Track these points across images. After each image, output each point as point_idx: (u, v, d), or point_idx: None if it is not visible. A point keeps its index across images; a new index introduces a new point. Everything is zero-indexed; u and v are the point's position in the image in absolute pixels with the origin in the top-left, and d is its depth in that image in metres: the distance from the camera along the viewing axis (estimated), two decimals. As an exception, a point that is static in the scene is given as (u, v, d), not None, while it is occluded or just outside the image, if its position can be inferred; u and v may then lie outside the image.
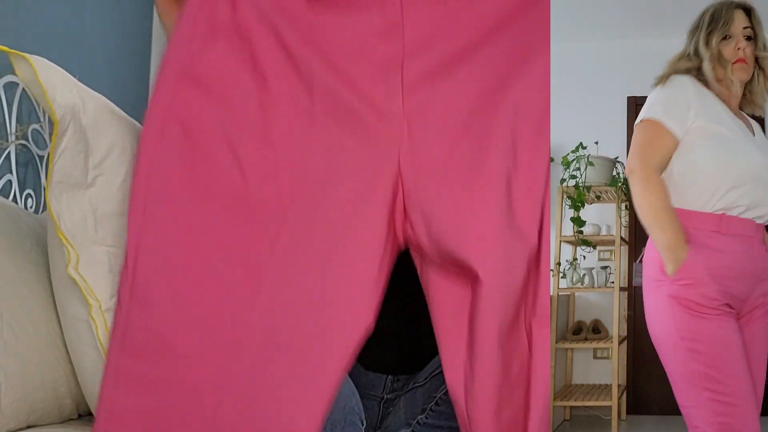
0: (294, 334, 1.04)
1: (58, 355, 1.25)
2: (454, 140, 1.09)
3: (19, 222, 1.38)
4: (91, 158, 1.24)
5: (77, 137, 1.22)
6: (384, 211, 1.07)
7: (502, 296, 1.05)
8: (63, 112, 1.19)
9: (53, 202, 1.19)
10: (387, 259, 1.08)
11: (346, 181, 1.08)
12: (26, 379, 1.18)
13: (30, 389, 1.19)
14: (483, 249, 1.05)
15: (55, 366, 1.25)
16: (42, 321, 1.25)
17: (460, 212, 1.07)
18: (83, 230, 1.20)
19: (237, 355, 1.04)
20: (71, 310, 1.20)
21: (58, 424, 1.29)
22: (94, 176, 1.24)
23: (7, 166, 1.74)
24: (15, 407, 1.16)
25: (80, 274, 1.18)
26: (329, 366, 1.04)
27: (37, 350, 1.22)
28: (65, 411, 1.29)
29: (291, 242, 1.07)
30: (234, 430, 1.02)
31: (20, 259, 1.29)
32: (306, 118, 1.10)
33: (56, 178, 1.19)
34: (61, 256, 1.19)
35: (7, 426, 1.15)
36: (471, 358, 1.04)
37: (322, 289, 1.05)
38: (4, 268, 1.24)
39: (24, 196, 1.80)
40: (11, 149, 1.74)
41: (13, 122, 1.74)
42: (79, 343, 1.21)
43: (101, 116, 1.27)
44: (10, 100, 1.74)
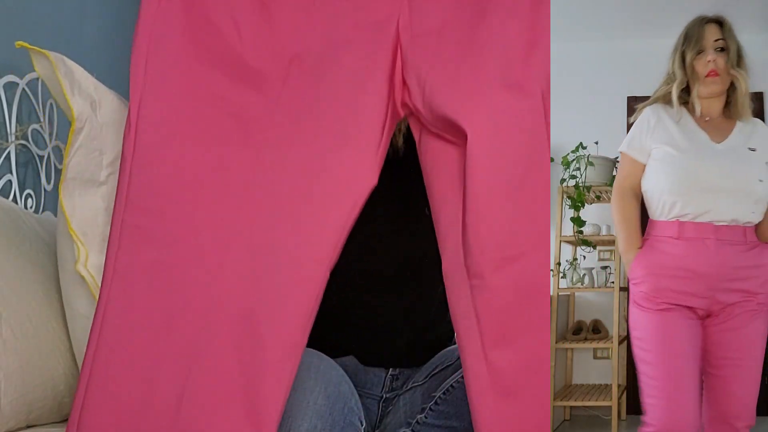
0: (298, 194, 1.05)
1: (57, 354, 1.25)
2: (453, 1, 1.10)
3: (19, 222, 1.38)
4: (105, 156, 1.24)
5: (93, 135, 1.22)
6: (385, 76, 1.09)
7: (489, 158, 1.02)
8: (81, 110, 1.20)
9: (66, 198, 1.19)
10: (388, 124, 1.09)
11: (349, 47, 1.08)
12: (26, 378, 1.18)
13: (29, 388, 1.19)
14: (470, 105, 1.04)
15: (55, 365, 1.25)
16: (41, 320, 1.25)
17: (454, 72, 1.07)
18: (94, 227, 1.21)
19: (242, 215, 1.04)
20: (78, 307, 1.21)
21: (58, 423, 1.29)
22: (108, 174, 1.24)
23: (7, 166, 1.74)
24: (15, 406, 1.16)
25: (89, 272, 1.18)
26: (338, 219, 1.04)
27: (37, 349, 1.22)
28: (65, 410, 1.29)
29: (292, 109, 1.07)
30: (242, 278, 1.02)
31: (20, 258, 1.29)
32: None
33: (70, 175, 1.19)
34: (71, 253, 1.19)
35: (7, 425, 1.16)
36: (465, 216, 1.03)
37: (329, 154, 1.06)
38: (4, 267, 1.24)
39: (24, 196, 1.80)
40: (11, 149, 1.74)
41: (13, 122, 1.74)
42: (84, 340, 1.20)
43: (117, 114, 1.28)
44: (10, 100, 1.74)
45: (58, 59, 1.21)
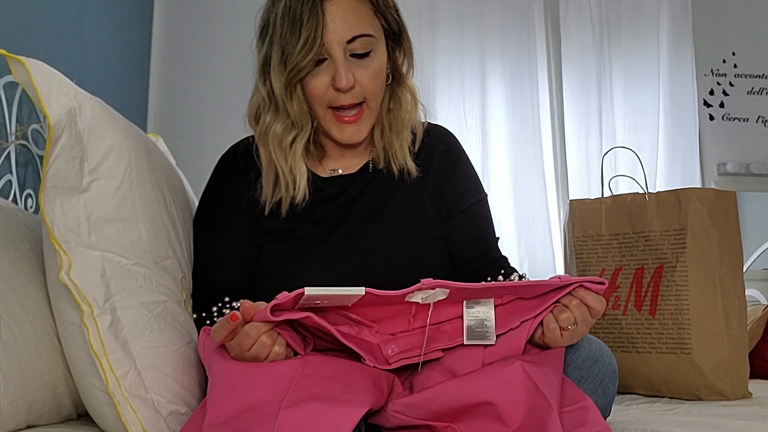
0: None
1: (56, 356, 1.25)
2: None
3: (18, 223, 1.38)
4: (86, 163, 1.22)
5: (72, 142, 1.20)
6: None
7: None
8: (58, 117, 1.18)
9: (47, 207, 1.17)
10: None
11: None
12: (25, 379, 1.18)
13: (29, 389, 1.19)
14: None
15: (54, 366, 1.25)
16: (40, 321, 1.25)
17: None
18: (76, 235, 1.19)
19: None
20: (65, 315, 1.20)
21: (57, 424, 1.28)
22: (90, 181, 1.23)
23: (7, 166, 1.74)
24: (14, 407, 1.16)
25: (72, 280, 1.17)
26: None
27: (36, 351, 1.22)
28: (64, 411, 1.29)
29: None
30: None
31: (19, 259, 1.29)
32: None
33: (50, 183, 1.18)
34: (55, 261, 1.18)
35: (7, 426, 1.15)
36: None
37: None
38: (3, 268, 1.24)
39: (24, 196, 1.80)
40: (11, 149, 1.74)
41: (13, 122, 1.74)
42: (73, 347, 1.20)
43: (98, 120, 1.26)
44: (10, 100, 1.74)
45: (35, 66, 1.18)
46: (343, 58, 1.31)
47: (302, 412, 0.99)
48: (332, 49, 1.30)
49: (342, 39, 1.30)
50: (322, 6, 1.29)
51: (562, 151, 3.12)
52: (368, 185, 1.43)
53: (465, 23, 3.12)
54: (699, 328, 1.76)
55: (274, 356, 1.11)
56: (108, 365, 1.16)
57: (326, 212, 1.40)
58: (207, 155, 1.61)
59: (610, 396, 1.24)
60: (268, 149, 1.38)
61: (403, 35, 1.41)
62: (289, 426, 0.97)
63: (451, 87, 3.08)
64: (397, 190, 1.42)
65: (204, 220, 1.46)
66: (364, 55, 1.33)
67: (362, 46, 1.32)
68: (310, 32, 1.28)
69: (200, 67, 2.92)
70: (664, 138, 3.18)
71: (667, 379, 1.79)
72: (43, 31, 1.94)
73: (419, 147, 1.45)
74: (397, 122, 1.41)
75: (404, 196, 1.42)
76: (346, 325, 1.16)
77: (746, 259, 2.97)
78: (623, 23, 3.23)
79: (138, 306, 1.23)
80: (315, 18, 1.28)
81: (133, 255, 1.26)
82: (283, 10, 1.30)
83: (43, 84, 1.18)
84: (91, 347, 1.16)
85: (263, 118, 1.38)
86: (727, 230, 1.83)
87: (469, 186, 1.48)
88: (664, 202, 1.85)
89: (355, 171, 1.45)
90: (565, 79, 3.17)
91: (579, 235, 1.98)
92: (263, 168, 1.39)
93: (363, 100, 1.36)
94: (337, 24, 1.29)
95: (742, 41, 3.45)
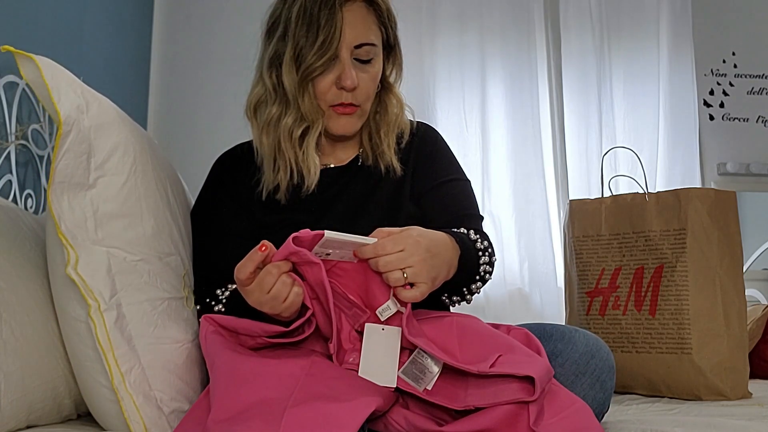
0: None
1: (57, 355, 1.25)
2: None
3: (19, 222, 1.38)
4: (93, 159, 1.24)
5: (80, 138, 1.22)
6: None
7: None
8: (67, 114, 1.20)
9: (54, 202, 1.19)
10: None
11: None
12: (25, 379, 1.18)
13: (29, 389, 1.19)
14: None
15: (54, 366, 1.25)
16: (41, 321, 1.25)
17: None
18: (83, 231, 1.21)
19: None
20: (70, 311, 1.21)
21: (58, 423, 1.29)
22: (96, 177, 1.24)
23: (7, 166, 1.74)
24: (14, 407, 1.16)
25: (79, 275, 1.18)
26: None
27: (37, 350, 1.22)
28: (64, 411, 1.29)
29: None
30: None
31: (19, 259, 1.29)
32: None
33: (58, 179, 1.19)
34: (61, 257, 1.19)
35: (7, 426, 1.16)
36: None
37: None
38: (3, 268, 1.24)
39: (24, 196, 1.80)
40: (11, 149, 1.75)
41: (13, 122, 1.74)
42: (77, 343, 1.21)
43: (105, 118, 1.27)
44: (10, 100, 1.74)
45: (45, 63, 1.20)
46: (349, 60, 1.39)
47: (308, 411, 1.00)
48: (342, 51, 1.37)
49: (351, 43, 1.38)
50: (341, 11, 1.36)
51: (562, 152, 3.12)
52: (355, 178, 1.50)
53: (465, 24, 3.12)
54: (699, 328, 1.77)
55: (294, 296, 1.14)
56: (114, 360, 1.17)
57: (316, 202, 1.45)
58: (207, 155, 1.62)
59: (608, 391, 1.27)
60: (273, 138, 1.43)
61: (397, 48, 1.50)
62: (295, 424, 0.98)
63: (451, 87, 3.07)
64: (381, 183, 1.48)
65: (203, 217, 1.49)
66: (366, 61, 1.41)
67: (366, 53, 1.40)
68: (327, 35, 1.35)
69: (200, 67, 2.92)
70: (664, 138, 3.18)
71: (667, 379, 1.79)
72: (43, 31, 1.94)
73: (405, 145, 1.52)
74: (384, 126, 1.49)
75: (388, 189, 1.48)
76: (343, 304, 1.18)
77: (746, 259, 2.98)
78: (623, 23, 3.24)
79: (143, 302, 1.24)
80: (332, 22, 1.35)
81: (138, 251, 1.27)
82: (299, 10, 1.36)
83: (53, 81, 1.20)
84: (98, 342, 1.17)
85: (268, 110, 1.43)
86: (727, 230, 1.83)
87: (443, 166, 1.53)
88: (664, 202, 1.85)
89: (344, 164, 1.52)
90: (565, 80, 3.17)
91: (579, 235, 1.98)
92: (264, 155, 1.44)
93: (359, 103, 1.44)
94: (349, 29, 1.37)
95: (742, 41, 3.46)
